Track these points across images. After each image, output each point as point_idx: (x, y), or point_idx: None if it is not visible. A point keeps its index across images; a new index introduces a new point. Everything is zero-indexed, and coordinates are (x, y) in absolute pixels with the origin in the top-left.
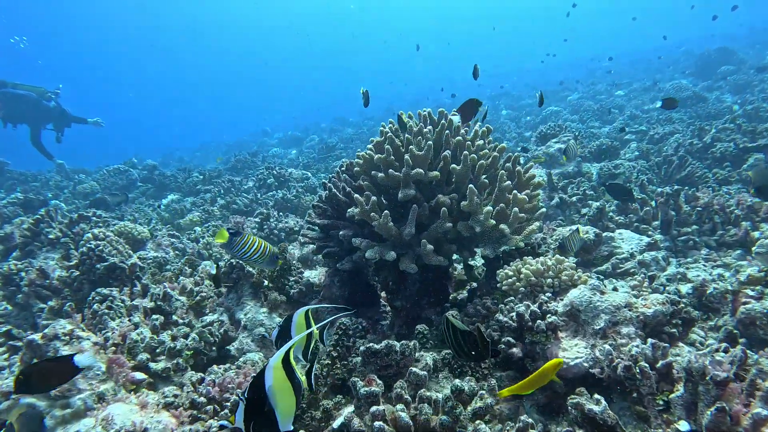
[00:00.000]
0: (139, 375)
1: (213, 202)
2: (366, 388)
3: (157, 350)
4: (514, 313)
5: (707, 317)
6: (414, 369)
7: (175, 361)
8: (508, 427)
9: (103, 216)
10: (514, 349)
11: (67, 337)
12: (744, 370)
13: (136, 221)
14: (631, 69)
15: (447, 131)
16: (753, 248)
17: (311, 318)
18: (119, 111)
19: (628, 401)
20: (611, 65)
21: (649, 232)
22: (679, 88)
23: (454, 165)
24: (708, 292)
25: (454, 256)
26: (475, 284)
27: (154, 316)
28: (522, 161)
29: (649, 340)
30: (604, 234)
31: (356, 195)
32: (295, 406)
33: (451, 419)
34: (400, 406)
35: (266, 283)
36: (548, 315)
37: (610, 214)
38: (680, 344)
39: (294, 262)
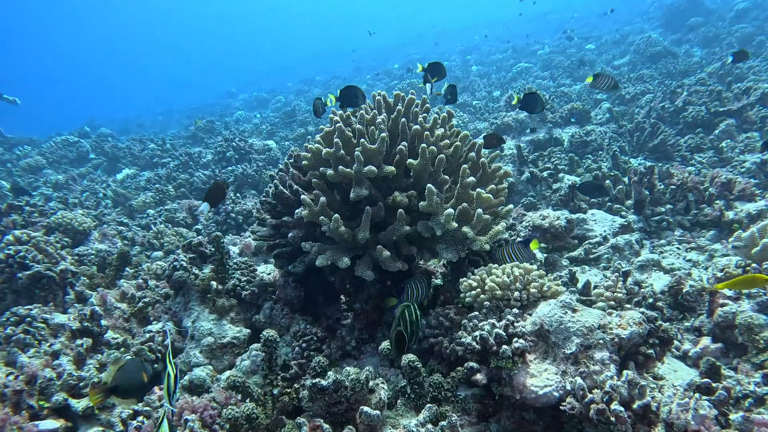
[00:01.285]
0: (50, 424)
1: (169, 179)
2: None
3: (80, 385)
4: (478, 333)
5: (683, 317)
6: (365, 409)
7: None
8: None
9: (38, 205)
10: (478, 375)
11: None
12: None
13: (82, 205)
14: (599, 22)
15: (403, 119)
16: (730, 239)
17: None
18: (83, 70)
19: None
20: (576, 20)
21: (623, 213)
22: (649, 42)
23: (411, 160)
24: (684, 290)
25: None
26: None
27: (78, 342)
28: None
29: (625, 372)
30: (576, 216)
31: (303, 196)
32: None
33: None
34: None
35: (214, 286)
36: (515, 339)
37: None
38: (657, 365)
39: (240, 259)
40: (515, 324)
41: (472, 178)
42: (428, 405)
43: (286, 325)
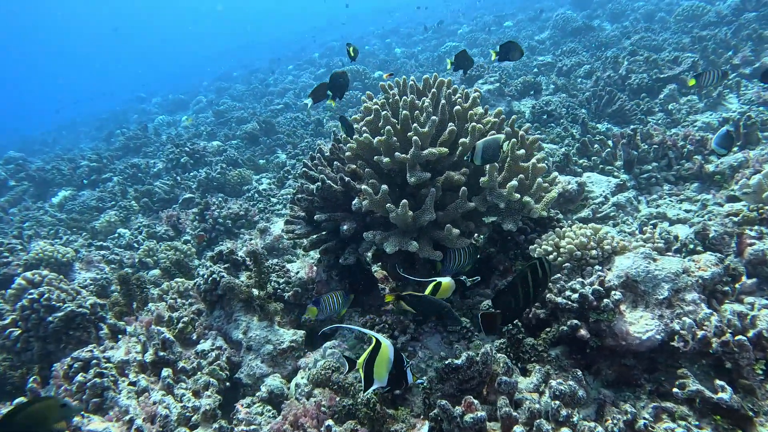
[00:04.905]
0: None
1: (125, 194)
2: (471, 415)
3: (192, 418)
4: (572, 293)
5: None
6: (504, 378)
7: (217, 425)
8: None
9: (4, 243)
10: (582, 331)
11: None
12: None
13: (54, 239)
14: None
15: (443, 101)
16: (735, 188)
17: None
18: None
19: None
20: None
21: (615, 173)
22: (566, 19)
23: (463, 139)
24: (710, 235)
25: None
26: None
27: (164, 373)
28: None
29: (728, 307)
30: (575, 180)
31: (364, 186)
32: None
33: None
34: (520, 429)
35: (256, 293)
36: (612, 292)
37: (575, 158)
38: (728, 301)
39: (271, 261)
40: (606, 279)
41: (522, 151)
42: (537, 367)
43: (338, 320)
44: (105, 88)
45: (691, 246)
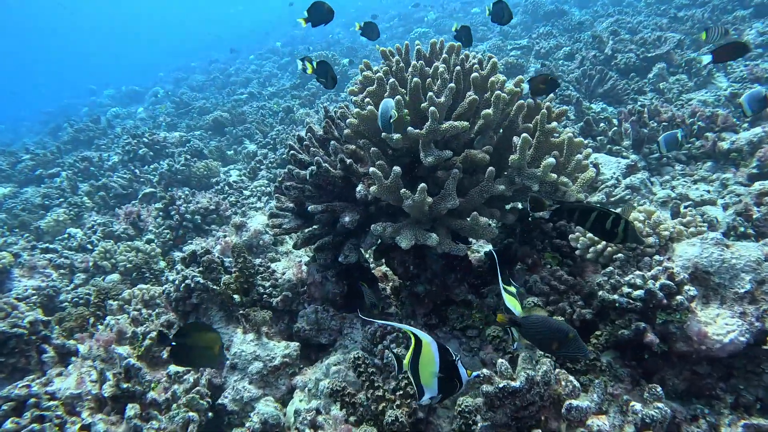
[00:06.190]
0: None
1: (75, 189)
2: None
3: None
4: (631, 290)
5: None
6: (574, 403)
7: None
8: None
9: None
10: (650, 336)
11: None
12: None
13: None
14: None
15: (458, 67)
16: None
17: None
18: None
19: None
20: None
21: (623, 153)
22: (536, 3)
23: (487, 110)
24: (754, 216)
25: None
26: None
27: (129, 412)
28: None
29: None
30: None
31: (372, 168)
32: None
33: None
34: None
35: (237, 298)
36: (685, 287)
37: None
38: None
39: (255, 261)
40: (674, 270)
41: (554, 124)
42: (596, 381)
43: (338, 327)
44: (48, 80)
45: (741, 229)
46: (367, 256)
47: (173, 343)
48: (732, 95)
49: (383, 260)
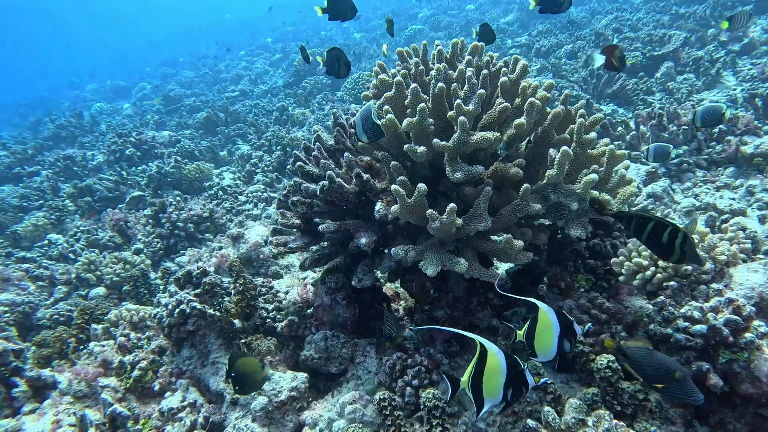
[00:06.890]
0: None
1: (56, 191)
2: None
3: None
4: (689, 324)
5: None
6: None
7: None
8: None
9: None
10: (713, 378)
11: None
12: None
13: None
14: None
15: (484, 70)
16: None
17: None
18: None
19: None
20: None
21: (642, 159)
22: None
23: (520, 120)
24: None
25: None
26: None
27: None
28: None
29: None
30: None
31: (394, 186)
32: None
33: None
34: None
35: (238, 324)
36: (755, 322)
37: None
38: None
39: (257, 281)
40: (739, 303)
41: (593, 134)
42: (652, 429)
43: (349, 356)
44: (27, 70)
45: None
46: (378, 275)
47: (232, 374)
48: (751, 96)
49: (397, 280)
